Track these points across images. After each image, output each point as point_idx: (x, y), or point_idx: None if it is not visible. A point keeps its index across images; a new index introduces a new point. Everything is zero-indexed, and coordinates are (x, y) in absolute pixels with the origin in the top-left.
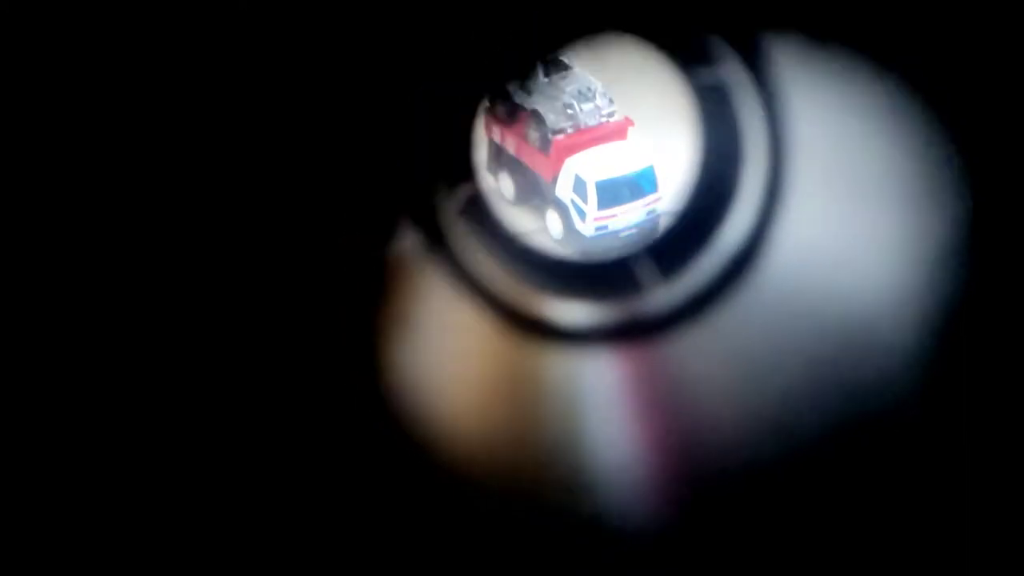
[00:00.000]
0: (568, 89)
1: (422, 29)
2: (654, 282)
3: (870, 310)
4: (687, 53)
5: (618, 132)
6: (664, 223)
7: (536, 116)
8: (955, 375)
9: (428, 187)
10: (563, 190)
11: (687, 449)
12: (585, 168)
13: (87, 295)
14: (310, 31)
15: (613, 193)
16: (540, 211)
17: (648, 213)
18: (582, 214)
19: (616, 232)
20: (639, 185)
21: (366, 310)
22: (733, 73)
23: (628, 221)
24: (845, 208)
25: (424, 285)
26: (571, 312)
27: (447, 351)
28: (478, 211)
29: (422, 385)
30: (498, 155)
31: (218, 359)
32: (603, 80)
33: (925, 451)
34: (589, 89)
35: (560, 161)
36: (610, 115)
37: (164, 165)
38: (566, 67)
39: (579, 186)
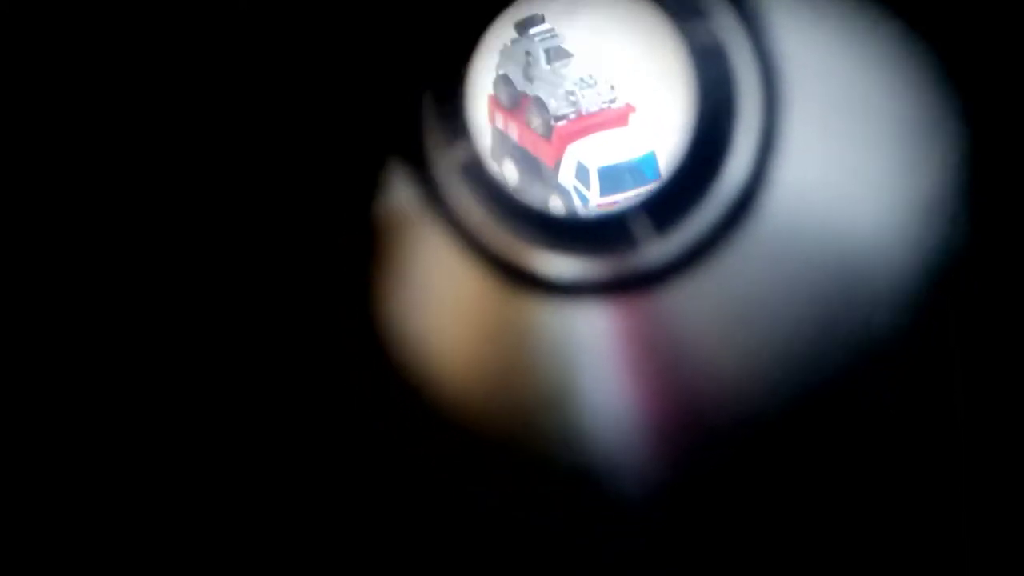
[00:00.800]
0: (570, 76)
1: None
2: (648, 236)
3: (869, 255)
4: (679, 4)
5: (620, 118)
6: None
7: (538, 102)
8: (955, 316)
9: (423, 142)
10: (565, 176)
11: (685, 400)
12: (587, 154)
13: (91, 291)
14: None
15: (615, 179)
16: (543, 197)
17: None
18: (584, 200)
19: None
20: (641, 171)
21: (360, 263)
22: (726, 23)
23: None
24: (842, 153)
25: (418, 239)
26: (565, 266)
27: (440, 304)
28: (473, 167)
29: (416, 336)
30: (501, 142)
31: (218, 313)
32: (605, 67)
33: (925, 393)
34: (591, 76)
35: (562, 147)
36: (612, 101)
37: (160, 146)
38: (568, 54)
39: (581, 172)
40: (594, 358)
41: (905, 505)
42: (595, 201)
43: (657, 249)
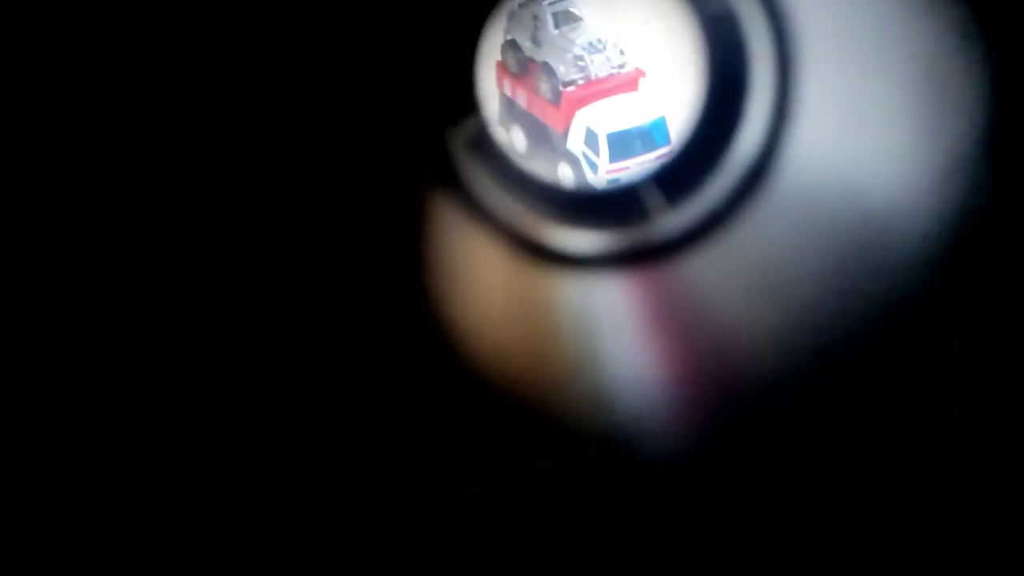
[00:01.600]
0: (579, 41)
1: None
2: (661, 207)
3: (887, 221)
4: None
5: (629, 84)
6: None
7: (547, 68)
8: (976, 280)
9: (434, 123)
10: (574, 142)
11: (706, 367)
12: (596, 120)
13: (103, 291)
14: None
15: (625, 145)
16: (552, 164)
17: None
18: (594, 166)
19: None
20: (651, 137)
21: (389, 248)
22: None
23: (640, 173)
24: (859, 118)
25: (437, 219)
26: (582, 239)
27: (464, 281)
28: (485, 144)
29: (447, 312)
30: (509, 108)
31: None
32: (614, 31)
33: (945, 358)
34: (600, 40)
35: (571, 113)
36: (621, 67)
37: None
38: (576, 19)
39: (591, 138)
40: (615, 327)
41: (926, 461)
42: (604, 167)
43: (671, 220)
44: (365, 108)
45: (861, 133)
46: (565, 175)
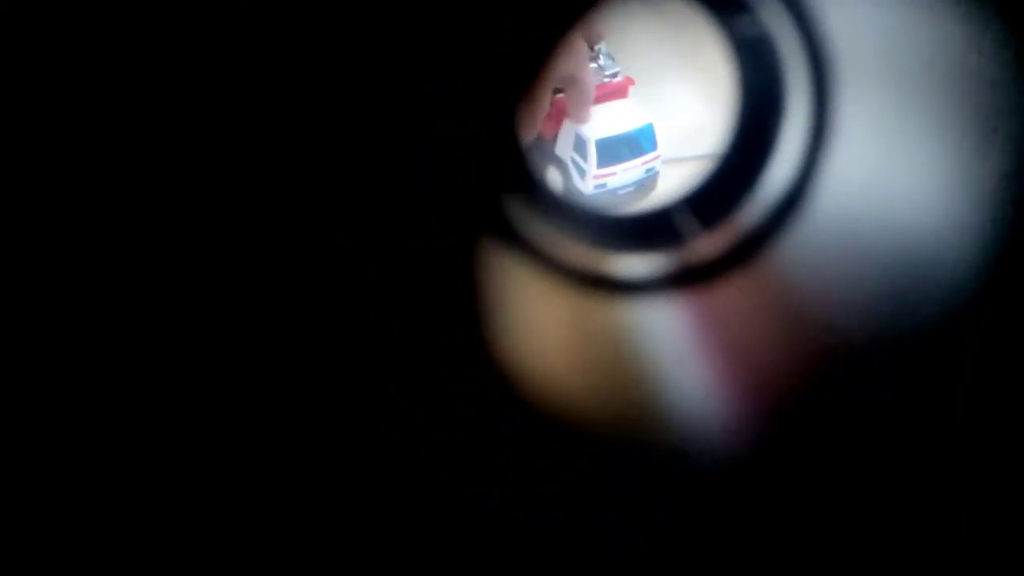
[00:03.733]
0: None
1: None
2: (696, 231)
3: (928, 248)
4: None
5: (619, 91)
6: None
7: None
8: (1018, 304)
9: (482, 170)
10: (563, 148)
11: (754, 387)
12: (585, 126)
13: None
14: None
15: (613, 151)
16: (541, 169)
17: (647, 171)
18: (582, 172)
19: (615, 190)
20: (639, 143)
21: (465, 297)
22: (772, 12)
23: (627, 179)
24: (898, 143)
25: (500, 266)
26: (626, 265)
27: (531, 319)
28: (540, 198)
29: (517, 353)
30: None
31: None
32: (606, 39)
33: (989, 382)
34: (592, 50)
35: (561, 119)
36: (613, 75)
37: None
38: None
39: (579, 144)
40: (670, 348)
41: (974, 483)
42: (592, 172)
43: (710, 243)
44: (412, 156)
45: (900, 160)
46: (553, 179)
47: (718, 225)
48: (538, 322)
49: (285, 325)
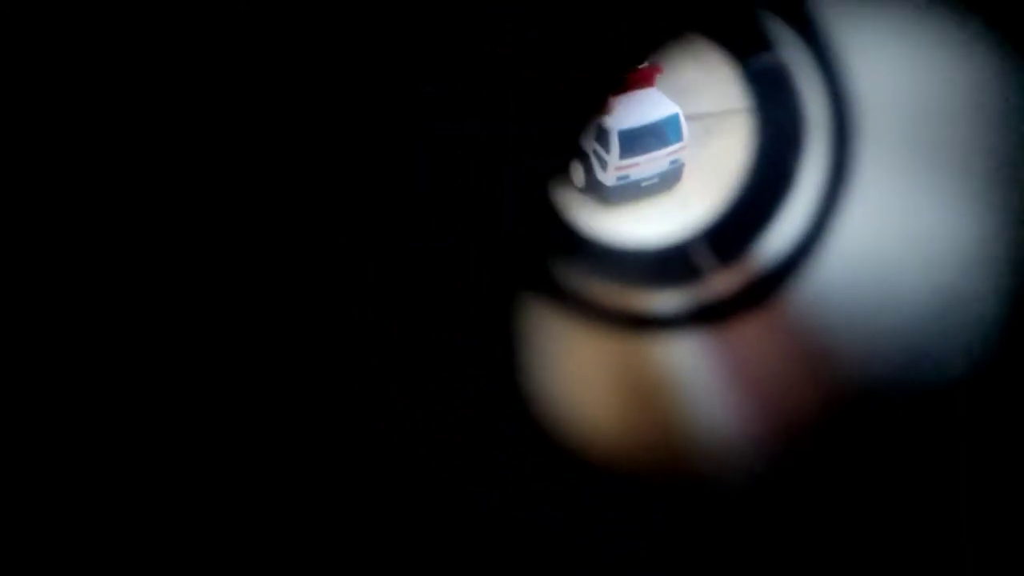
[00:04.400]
0: None
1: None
2: (713, 267)
3: (946, 292)
4: (739, 38)
5: (645, 79)
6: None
7: None
8: None
9: (533, 262)
10: (585, 139)
11: (772, 421)
12: (608, 116)
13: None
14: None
15: (636, 141)
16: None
17: (671, 162)
18: (603, 164)
19: (637, 181)
20: (664, 133)
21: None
22: (792, 53)
23: (650, 170)
24: (917, 180)
25: (541, 314)
26: (645, 302)
27: (568, 362)
28: (575, 249)
29: (555, 395)
30: None
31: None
32: None
33: (1007, 424)
34: None
35: None
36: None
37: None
38: None
39: (601, 135)
40: (696, 382)
41: (995, 525)
42: (615, 164)
43: (726, 281)
44: (451, 208)
45: (920, 201)
46: (575, 171)
47: (736, 261)
48: (563, 353)
49: (293, 327)
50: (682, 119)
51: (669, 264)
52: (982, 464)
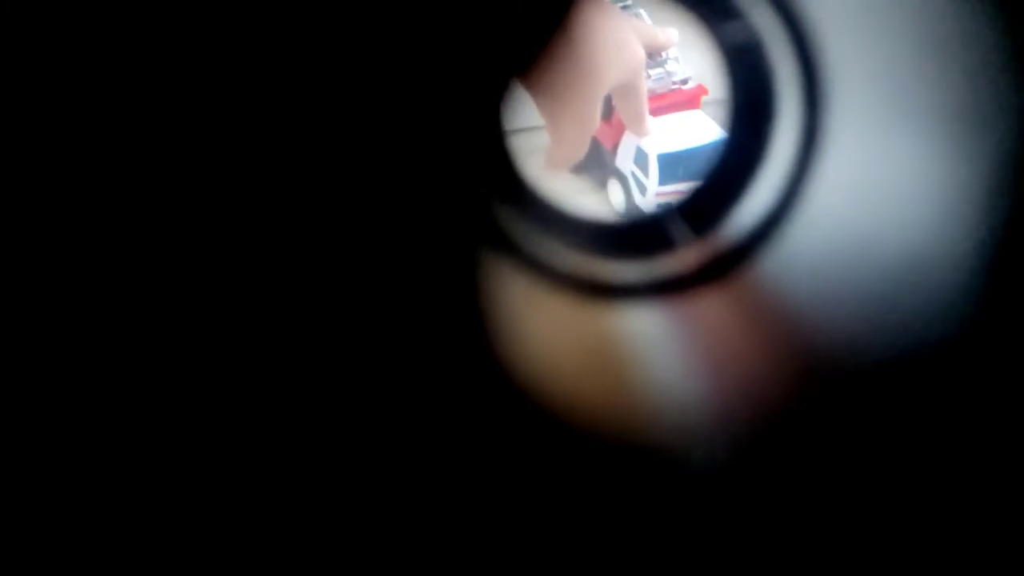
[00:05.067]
0: None
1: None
2: (688, 238)
3: (922, 253)
4: (711, 6)
5: (690, 101)
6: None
7: None
8: (1013, 304)
9: (471, 183)
10: (624, 161)
11: (739, 395)
12: (648, 138)
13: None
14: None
15: (677, 167)
16: (601, 181)
17: None
18: (643, 188)
19: None
20: (707, 160)
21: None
22: (762, 19)
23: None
24: (889, 142)
25: (494, 272)
26: (616, 272)
27: (525, 324)
28: (530, 205)
29: (516, 356)
30: None
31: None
32: (680, 43)
33: (981, 384)
34: (662, 53)
35: (622, 129)
36: (684, 82)
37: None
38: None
39: (640, 158)
40: (663, 352)
41: (966, 486)
42: (653, 190)
43: (698, 250)
44: (400, 172)
45: (893, 165)
46: (615, 194)
47: (709, 233)
48: (533, 326)
49: (282, 327)
50: None
51: (644, 236)
52: (960, 431)
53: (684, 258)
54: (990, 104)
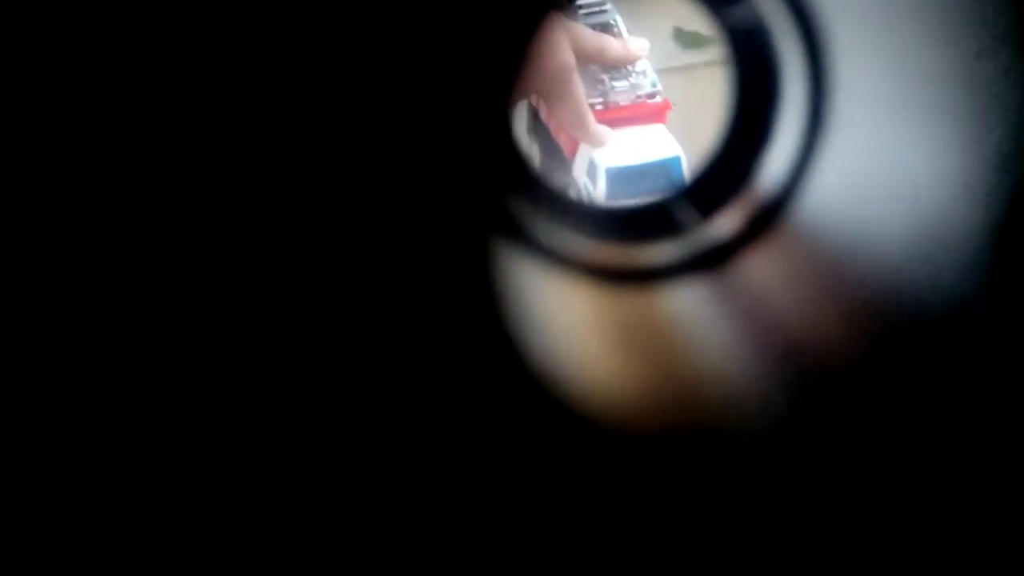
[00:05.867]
0: None
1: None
2: (694, 221)
3: (930, 232)
4: None
5: (654, 114)
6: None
7: None
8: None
9: (479, 176)
10: (579, 170)
11: (783, 353)
12: (601, 151)
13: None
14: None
15: (627, 182)
16: (564, 188)
17: None
18: (592, 200)
19: None
20: (660, 176)
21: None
22: (767, 4)
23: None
24: (897, 127)
25: (511, 265)
26: (638, 256)
27: (549, 316)
28: (540, 195)
29: (549, 352)
30: (534, 120)
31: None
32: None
33: (994, 361)
34: (630, 65)
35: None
36: (651, 96)
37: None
38: (614, 35)
39: (591, 170)
40: (693, 331)
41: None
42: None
43: (705, 234)
44: (408, 168)
45: (898, 140)
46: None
47: (716, 214)
48: (558, 319)
49: (300, 319)
50: (684, 162)
51: (653, 220)
52: (976, 398)
53: (702, 234)
54: (995, 77)
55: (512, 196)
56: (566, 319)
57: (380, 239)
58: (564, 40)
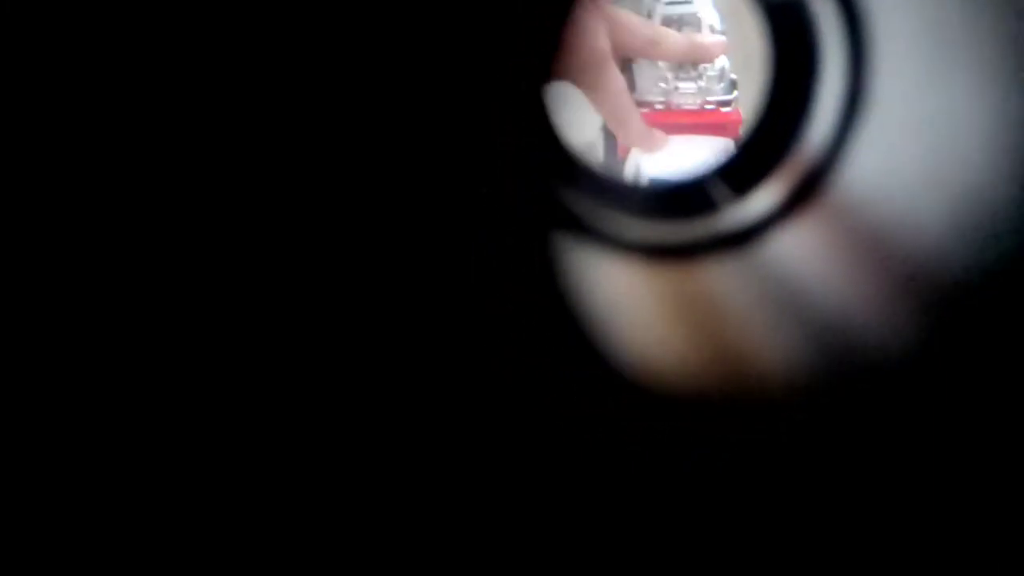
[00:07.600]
0: None
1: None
2: (729, 199)
3: (972, 198)
4: None
5: (722, 127)
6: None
7: (630, 77)
8: None
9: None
10: (629, 172)
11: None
12: (647, 157)
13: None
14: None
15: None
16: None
17: None
18: None
19: None
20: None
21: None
22: None
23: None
24: (937, 95)
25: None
26: (674, 233)
27: (608, 296)
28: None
29: (612, 330)
30: None
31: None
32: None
33: None
34: (703, 64)
35: None
36: (725, 103)
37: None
38: (699, 29)
39: (636, 175)
40: (735, 306)
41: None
42: None
43: (739, 211)
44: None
45: (940, 113)
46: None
47: (756, 189)
48: (614, 298)
49: (360, 312)
50: None
51: (689, 198)
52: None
53: (728, 218)
54: None
55: (552, 180)
56: (618, 297)
57: (403, 228)
58: (600, 26)
